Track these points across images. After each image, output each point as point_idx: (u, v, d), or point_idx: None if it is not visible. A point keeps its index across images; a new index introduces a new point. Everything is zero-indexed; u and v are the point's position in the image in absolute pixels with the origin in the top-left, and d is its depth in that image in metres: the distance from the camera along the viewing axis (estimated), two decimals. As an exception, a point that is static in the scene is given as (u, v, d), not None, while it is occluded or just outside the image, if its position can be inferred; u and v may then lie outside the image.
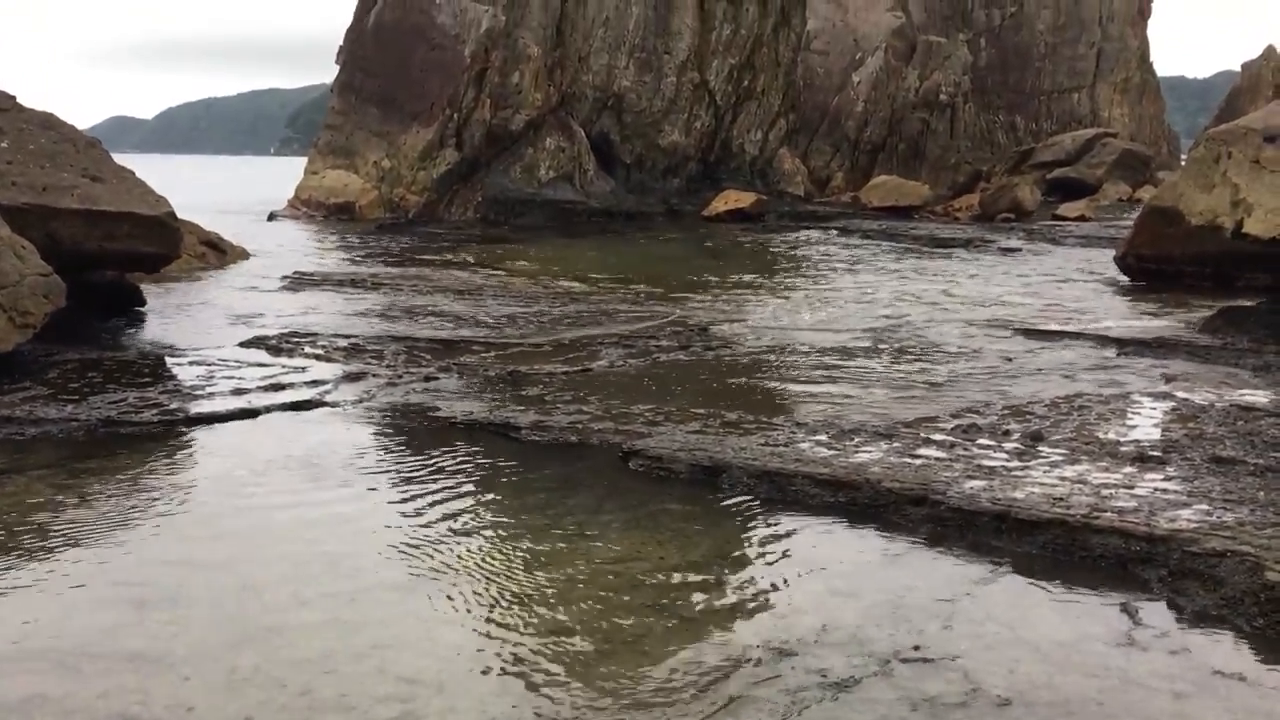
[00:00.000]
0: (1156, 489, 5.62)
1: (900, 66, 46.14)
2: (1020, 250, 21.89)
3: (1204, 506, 5.32)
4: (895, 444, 6.61)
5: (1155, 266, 14.69)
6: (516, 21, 29.38)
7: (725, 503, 5.82)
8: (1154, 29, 51.14)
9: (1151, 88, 53.88)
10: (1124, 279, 15.75)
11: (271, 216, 30.04)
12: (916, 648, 4.11)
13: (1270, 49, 51.55)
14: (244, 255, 17.67)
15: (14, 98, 10.40)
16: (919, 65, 46.30)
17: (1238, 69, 54.07)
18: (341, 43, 31.94)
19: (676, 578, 4.79)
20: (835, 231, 26.52)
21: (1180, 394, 8.20)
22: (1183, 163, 24.37)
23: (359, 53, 31.22)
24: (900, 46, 46.42)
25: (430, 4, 29.50)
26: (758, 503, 5.82)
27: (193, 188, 50.53)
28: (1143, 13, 51.99)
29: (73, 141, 10.34)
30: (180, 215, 16.57)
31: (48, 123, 10.41)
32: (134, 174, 10.52)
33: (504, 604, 4.49)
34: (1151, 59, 53.65)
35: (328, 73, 31.63)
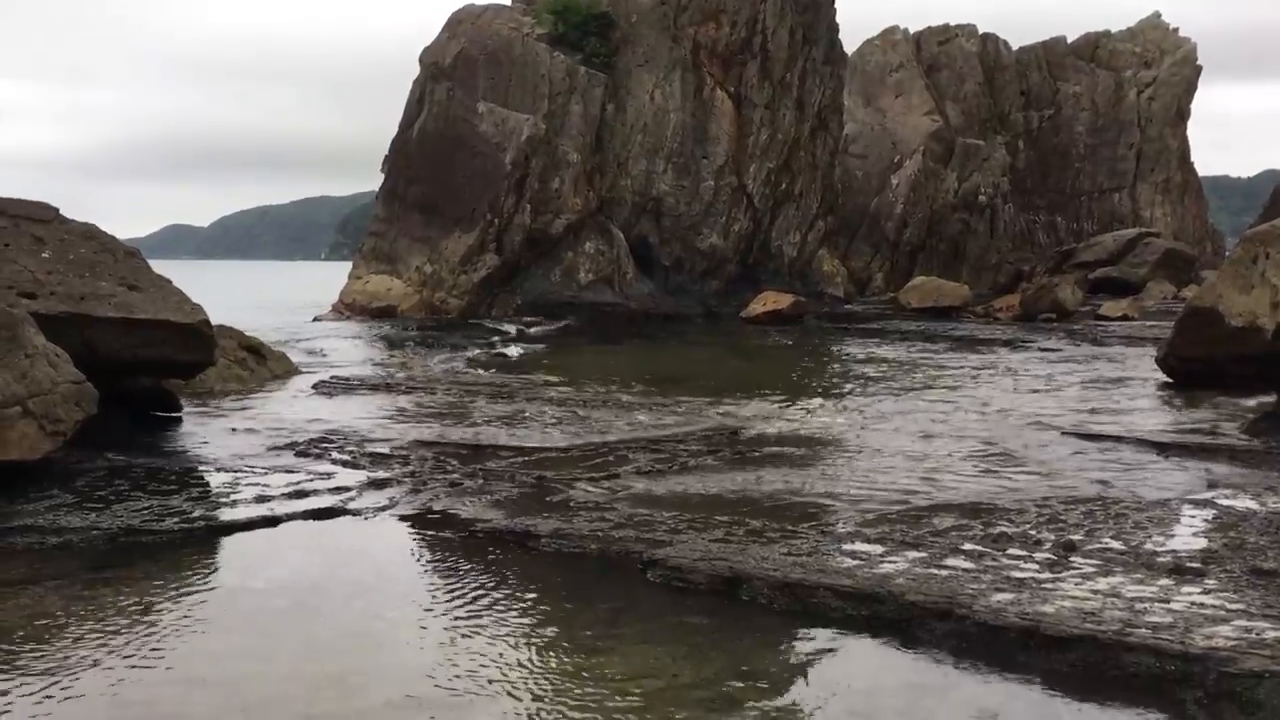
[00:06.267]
0: (1194, 603, 5.40)
1: (939, 168, 46.46)
2: (1061, 351, 21.66)
3: (1243, 623, 5.09)
4: (923, 553, 6.44)
5: (1197, 368, 14.42)
6: (556, 129, 29.99)
7: (744, 616, 5.66)
8: (1194, 129, 51.41)
9: (1193, 187, 53.77)
10: (1166, 380, 15.49)
11: (316, 320, 30.50)
12: (935, 775, 3.92)
13: (1313, 147, 51.48)
14: (284, 360, 17.83)
15: (56, 210, 10.66)
16: (957, 167, 46.61)
17: (1281, 167, 53.86)
18: (387, 152, 32.75)
19: (688, 697, 4.63)
20: (874, 333, 26.43)
21: (1222, 501, 7.96)
22: (1225, 262, 24.10)
23: (403, 161, 31.97)
24: (938, 149, 46.80)
25: (472, 113, 30.23)
26: (778, 616, 5.66)
27: (242, 292, 51.54)
28: (1181, 115, 52.15)
29: (112, 251, 10.55)
30: (227, 319, 16.93)
31: (88, 233, 10.65)
32: (171, 283, 10.68)
33: (508, 724, 4.35)
34: (1193, 159, 53.64)
35: (376, 180, 32.47)
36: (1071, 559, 6.26)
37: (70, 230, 10.56)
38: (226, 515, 7.52)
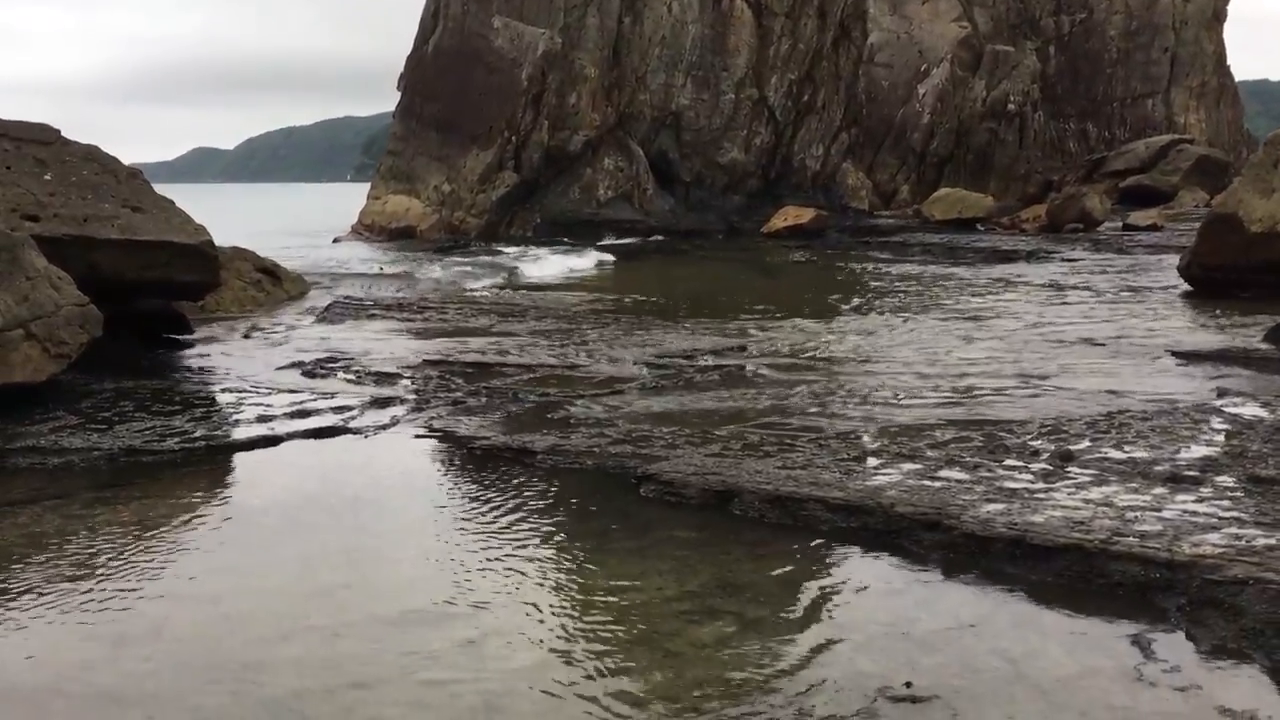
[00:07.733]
0: (1185, 511, 5.34)
1: (967, 77, 45.44)
2: (1084, 261, 21.36)
3: (1234, 530, 5.03)
4: (918, 465, 6.39)
5: (1220, 276, 14.20)
6: (573, 43, 29.51)
7: (734, 529, 5.66)
8: (1232, 32, 49.80)
9: (1230, 92, 52.40)
10: (1189, 289, 15.26)
11: (335, 242, 30.50)
12: (909, 684, 3.91)
13: (1354, 48, 49.98)
14: (299, 281, 17.85)
15: (58, 131, 10.61)
16: (986, 75, 45.56)
17: (1321, 70, 52.44)
18: (403, 69, 32.36)
19: (668, 609, 4.65)
20: (895, 246, 26.15)
21: (1230, 409, 7.84)
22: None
23: (419, 78, 31.61)
24: (966, 57, 45.73)
25: (488, 28, 29.77)
26: (768, 529, 5.65)
27: (266, 215, 51.61)
28: (1218, 16, 50.63)
29: (114, 173, 10.52)
30: (248, 242, 16.95)
31: (91, 155, 10.61)
32: (174, 204, 10.66)
33: (488, 641, 4.38)
34: (1230, 62, 52.21)
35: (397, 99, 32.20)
36: (1068, 469, 6.20)
37: (72, 152, 10.52)
38: (228, 435, 7.56)
